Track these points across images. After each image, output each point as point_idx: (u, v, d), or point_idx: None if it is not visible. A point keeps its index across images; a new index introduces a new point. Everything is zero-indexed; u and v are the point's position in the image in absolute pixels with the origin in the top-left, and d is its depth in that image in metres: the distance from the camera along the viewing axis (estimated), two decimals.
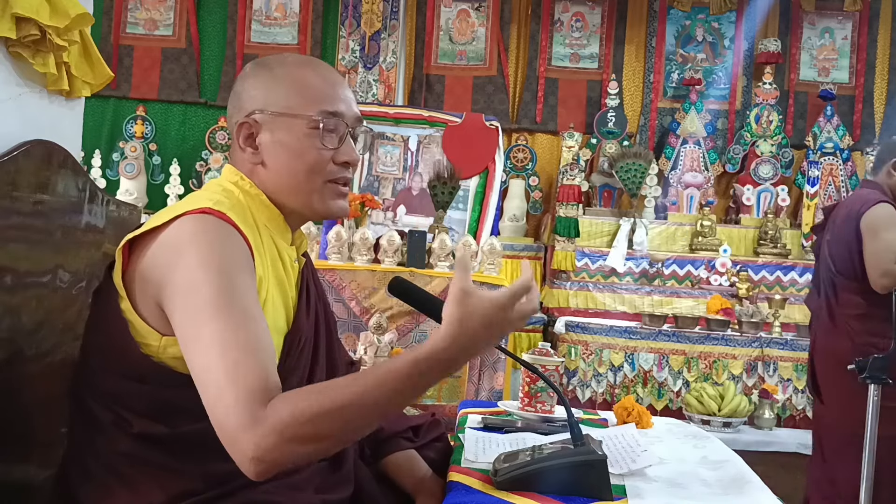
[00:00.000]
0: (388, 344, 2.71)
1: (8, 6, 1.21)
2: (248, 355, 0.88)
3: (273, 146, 1.06)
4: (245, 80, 1.10)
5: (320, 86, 1.08)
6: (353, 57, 4.65)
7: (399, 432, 1.24)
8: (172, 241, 0.96)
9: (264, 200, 1.08)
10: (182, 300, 0.92)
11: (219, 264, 0.93)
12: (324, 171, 1.07)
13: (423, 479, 1.20)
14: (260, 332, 0.92)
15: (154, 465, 0.97)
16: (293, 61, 1.11)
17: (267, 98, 1.07)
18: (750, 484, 1.12)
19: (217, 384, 0.87)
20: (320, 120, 1.06)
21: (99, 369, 1.01)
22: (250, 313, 0.92)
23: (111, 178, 4.54)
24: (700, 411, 3.28)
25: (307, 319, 1.09)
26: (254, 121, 1.07)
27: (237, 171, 1.09)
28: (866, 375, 1.83)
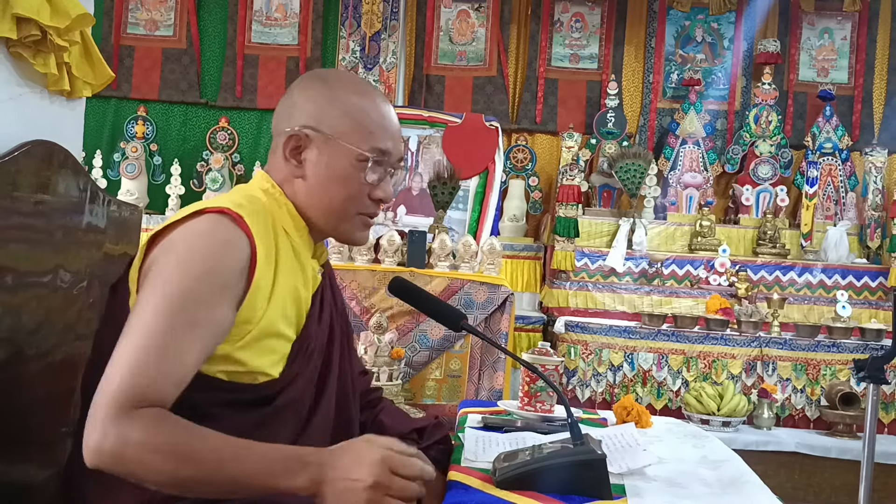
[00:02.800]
0: (388, 343, 2.72)
1: (9, 7, 1.21)
2: (157, 359, 0.90)
3: (317, 165, 1.07)
4: (303, 90, 1.10)
5: (377, 121, 1.09)
6: (353, 57, 4.66)
7: (404, 434, 1.24)
8: (177, 236, 0.98)
9: (292, 211, 1.09)
10: (148, 287, 0.95)
11: (196, 270, 0.94)
12: (359, 203, 1.09)
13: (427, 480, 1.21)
14: (187, 347, 0.93)
15: None
16: (355, 86, 1.11)
17: (322, 116, 1.07)
18: (749, 483, 1.12)
19: (115, 369, 0.90)
20: (371, 157, 1.07)
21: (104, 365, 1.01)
22: (195, 323, 0.93)
23: (112, 179, 4.54)
24: (699, 411, 3.29)
25: (318, 328, 1.10)
26: (305, 135, 1.07)
27: (269, 179, 1.10)
28: (865, 375, 1.83)
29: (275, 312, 1.03)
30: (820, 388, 3.46)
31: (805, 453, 3.20)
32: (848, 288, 3.99)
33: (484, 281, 2.96)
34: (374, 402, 1.30)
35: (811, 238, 4.22)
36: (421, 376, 2.95)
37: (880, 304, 3.98)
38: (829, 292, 4.01)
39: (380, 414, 1.28)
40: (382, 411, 1.28)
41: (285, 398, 0.99)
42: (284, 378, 1.03)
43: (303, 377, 1.06)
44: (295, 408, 1.04)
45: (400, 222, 3.50)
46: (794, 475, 3.19)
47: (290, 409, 1.02)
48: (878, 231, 4.21)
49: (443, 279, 2.94)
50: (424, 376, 2.95)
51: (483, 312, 2.94)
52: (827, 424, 3.38)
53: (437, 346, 2.93)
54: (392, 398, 2.64)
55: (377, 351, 2.69)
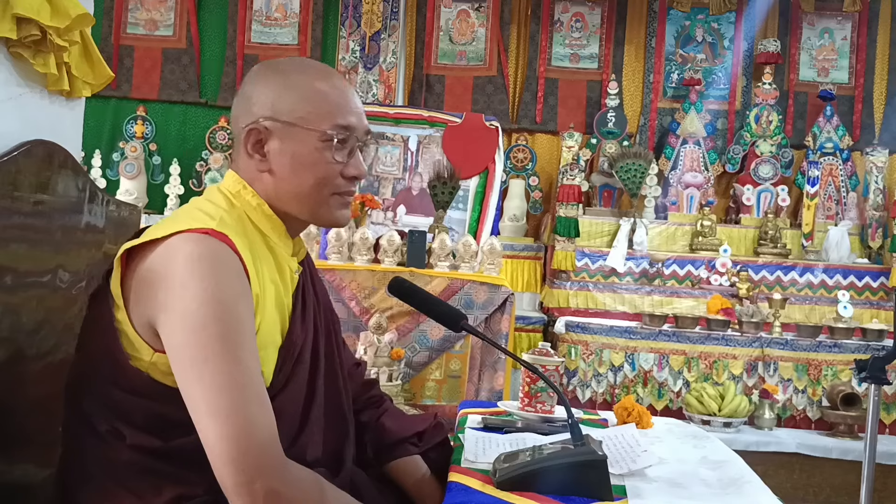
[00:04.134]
0: (387, 344, 2.71)
1: (9, 7, 1.21)
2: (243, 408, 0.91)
3: (282, 155, 1.05)
4: (255, 82, 1.07)
5: (334, 98, 1.06)
6: (353, 57, 4.65)
7: (406, 437, 1.24)
8: (170, 261, 0.94)
9: (266, 211, 1.07)
10: (179, 336, 0.92)
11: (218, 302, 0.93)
12: (332, 184, 1.06)
13: (423, 480, 1.21)
14: (255, 381, 0.94)
15: (153, 472, 0.97)
16: (307, 68, 1.09)
17: (279, 105, 1.04)
18: (750, 484, 1.12)
19: (213, 438, 0.90)
20: (334, 134, 1.04)
21: (93, 378, 1.00)
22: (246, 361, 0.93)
23: (111, 179, 4.54)
24: (700, 411, 3.28)
25: (302, 328, 1.09)
26: (264, 128, 1.04)
27: (240, 180, 1.07)
28: (867, 376, 1.83)
29: (267, 321, 1.02)
30: (821, 389, 3.45)
31: (806, 454, 3.20)
32: (849, 288, 3.99)
33: (484, 281, 2.95)
34: (375, 401, 1.29)
35: (812, 238, 4.22)
36: (421, 377, 2.95)
37: (882, 305, 3.98)
38: (830, 292, 4.01)
39: (382, 416, 1.26)
40: (385, 414, 1.27)
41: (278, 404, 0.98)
42: (276, 385, 1.02)
43: (293, 381, 1.05)
44: (289, 412, 1.03)
45: (400, 222, 3.50)
46: (795, 476, 3.19)
47: (285, 413, 1.01)
48: (880, 231, 4.21)
49: (443, 279, 2.94)
50: (424, 377, 2.95)
51: (483, 313, 2.93)
52: (828, 425, 3.38)
53: (437, 346, 2.93)
54: (392, 399, 2.63)
55: (377, 351, 2.68)
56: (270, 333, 1.03)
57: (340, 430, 1.14)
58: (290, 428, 1.03)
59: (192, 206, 1.05)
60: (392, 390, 2.67)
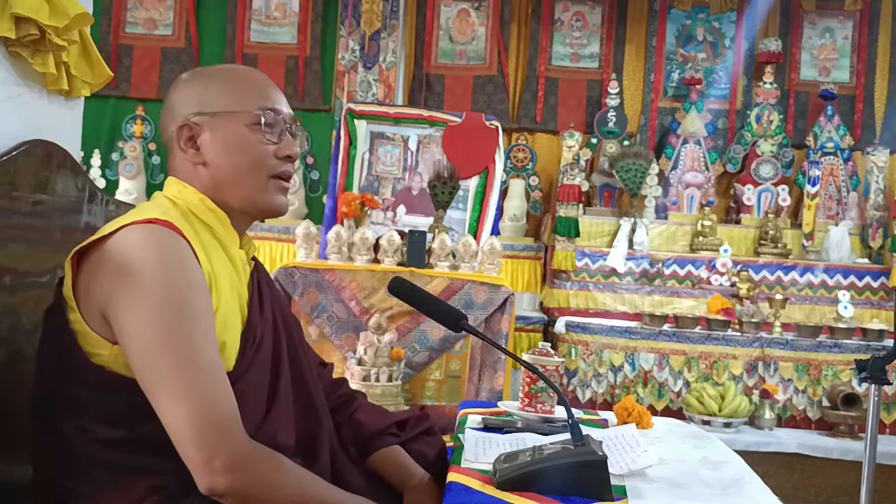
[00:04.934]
0: (387, 344, 2.71)
1: (7, 6, 1.21)
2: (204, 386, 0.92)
3: (214, 144, 1.07)
4: (178, 88, 1.12)
5: (255, 84, 1.11)
6: (352, 56, 4.65)
7: (382, 429, 1.23)
8: (119, 253, 0.96)
9: (209, 205, 1.08)
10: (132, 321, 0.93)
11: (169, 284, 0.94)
12: (267, 166, 1.08)
13: (423, 481, 1.20)
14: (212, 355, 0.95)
15: (123, 468, 0.97)
16: (226, 66, 1.17)
17: (203, 100, 1.08)
18: (750, 484, 1.12)
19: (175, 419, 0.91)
20: (261, 114, 1.07)
21: (54, 382, 1.01)
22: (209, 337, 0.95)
23: (110, 178, 4.54)
24: (700, 411, 3.28)
25: (261, 317, 1.10)
26: (193, 123, 1.07)
27: (179, 181, 1.09)
28: (867, 376, 1.83)
29: (225, 302, 1.03)
30: (821, 389, 3.45)
31: (806, 454, 3.20)
32: (850, 288, 3.99)
33: (484, 281, 2.95)
34: (346, 401, 1.28)
35: (813, 238, 4.21)
36: (421, 377, 2.94)
37: (882, 305, 3.97)
38: (830, 292, 4.01)
39: (356, 412, 1.26)
40: (358, 409, 1.26)
41: (241, 387, 1.00)
42: (239, 369, 1.03)
43: (255, 365, 1.06)
44: (253, 395, 1.04)
45: (400, 222, 3.50)
46: (795, 476, 3.18)
47: (249, 397, 1.02)
48: (880, 231, 4.21)
49: (443, 279, 2.93)
50: (424, 377, 2.95)
51: (483, 313, 2.93)
52: (828, 425, 3.38)
53: (437, 346, 2.93)
54: (392, 399, 2.63)
55: (377, 351, 2.68)
56: (231, 316, 1.04)
57: (313, 420, 1.13)
58: (256, 412, 1.04)
59: (137, 207, 1.07)
60: (392, 390, 2.67)
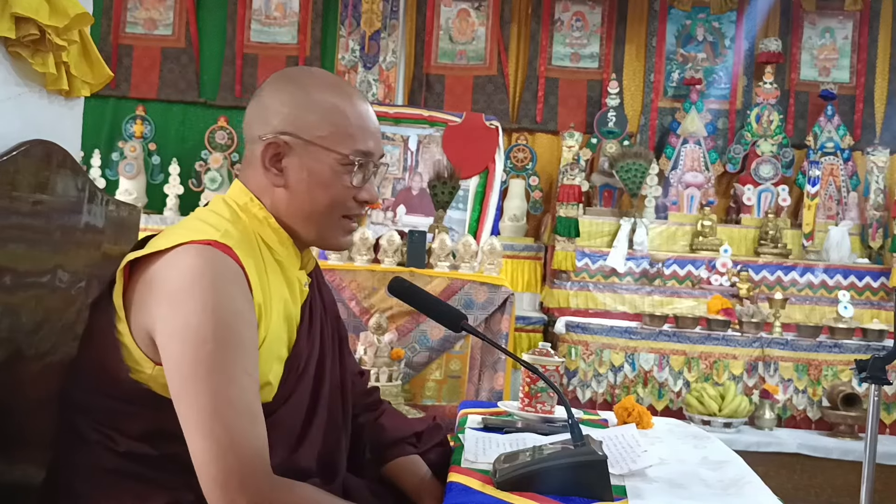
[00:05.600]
0: (387, 344, 2.71)
1: (7, 6, 1.20)
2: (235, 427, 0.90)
3: (300, 172, 1.04)
4: (275, 93, 1.07)
5: (356, 122, 1.06)
6: (352, 56, 4.65)
7: (404, 437, 1.24)
8: (172, 274, 0.94)
9: (273, 224, 1.06)
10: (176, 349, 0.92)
11: (217, 318, 0.92)
12: (343, 206, 1.07)
13: (423, 481, 1.21)
14: (250, 400, 0.93)
15: (142, 480, 0.97)
16: (330, 86, 1.08)
17: (299, 121, 1.04)
18: (750, 484, 1.12)
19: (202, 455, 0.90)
20: (354, 160, 1.05)
21: (87, 387, 1.00)
22: (242, 380, 0.93)
23: (110, 178, 4.54)
24: (700, 411, 3.28)
25: (308, 341, 1.08)
26: (284, 142, 1.04)
27: (247, 192, 1.06)
28: (867, 376, 1.83)
29: (272, 336, 1.01)
30: (821, 389, 3.45)
31: (806, 454, 3.20)
32: (850, 288, 3.99)
33: (484, 281, 2.95)
34: (373, 405, 1.29)
35: (813, 238, 4.21)
36: (421, 377, 2.94)
37: (882, 305, 3.97)
38: (830, 292, 4.01)
39: (380, 417, 1.27)
40: (383, 415, 1.28)
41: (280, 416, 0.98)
42: (279, 398, 1.01)
43: (297, 393, 1.04)
44: (290, 423, 1.03)
45: (400, 222, 3.50)
46: (796, 476, 3.18)
47: (285, 425, 1.01)
48: (880, 231, 4.21)
49: (443, 279, 2.93)
50: (424, 377, 2.95)
51: (483, 313, 2.93)
52: (829, 425, 3.38)
53: (437, 346, 2.93)
54: (392, 399, 2.63)
55: (377, 351, 2.68)
56: (276, 347, 1.02)
57: (335, 439, 1.13)
58: (290, 438, 1.03)
59: (197, 216, 1.04)
60: (392, 390, 2.67)
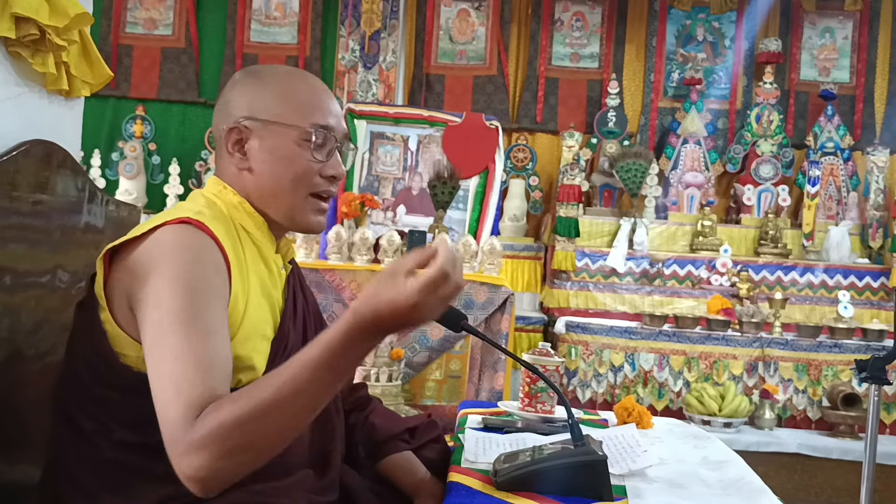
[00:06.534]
0: (387, 344, 2.71)
1: (7, 6, 1.20)
2: (199, 372, 0.88)
3: (262, 152, 1.06)
4: (234, 87, 1.10)
5: (312, 98, 1.09)
6: (352, 56, 4.65)
7: (396, 434, 1.24)
8: (148, 252, 0.96)
9: (248, 208, 1.08)
10: (149, 311, 0.93)
11: (187, 279, 0.93)
12: (310, 183, 1.08)
13: (422, 480, 1.21)
14: (217, 350, 0.91)
15: (139, 470, 0.97)
16: (284, 71, 1.12)
17: (257, 105, 1.07)
18: (750, 484, 1.12)
19: (165, 397, 0.87)
20: (312, 132, 1.06)
21: (81, 377, 1.01)
22: (211, 329, 0.92)
23: (110, 178, 4.54)
24: (700, 411, 3.28)
25: (293, 325, 1.10)
26: (244, 126, 1.07)
27: (220, 182, 1.10)
28: (867, 376, 1.83)
29: (255, 313, 1.02)
30: (822, 389, 3.45)
31: (807, 454, 3.20)
32: (850, 288, 3.99)
33: (484, 281, 2.95)
34: (362, 403, 1.29)
35: (813, 238, 4.21)
36: (421, 377, 2.94)
37: (882, 305, 3.97)
38: (830, 292, 4.01)
39: (370, 416, 1.26)
40: (373, 413, 1.27)
41: None
42: None
43: None
44: None
45: (400, 222, 3.50)
46: (796, 476, 3.18)
47: None
48: (880, 231, 4.21)
49: None
50: (424, 377, 2.95)
51: (483, 313, 2.93)
52: (829, 425, 3.38)
53: (437, 346, 2.93)
54: (392, 399, 2.63)
55: (377, 351, 2.68)
56: (260, 325, 1.03)
57: (327, 429, 1.13)
58: None
59: (174, 206, 1.08)
60: (392, 390, 2.67)
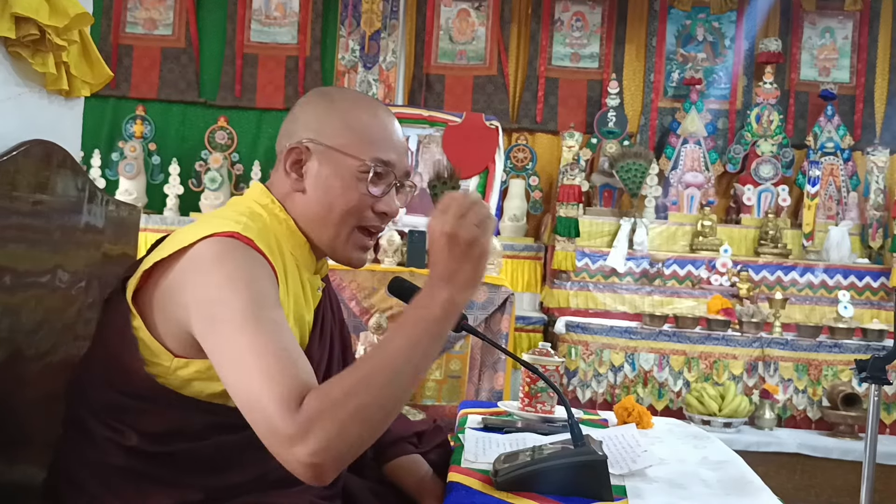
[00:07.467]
0: None
1: (7, 6, 1.20)
2: (283, 361, 0.86)
3: (318, 177, 1.05)
4: (304, 105, 1.10)
5: (378, 131, 1.07)
6: (352, 56, 4.65)
7: (404, 437, 1.24)
8: (198, 262, 0.93)
9: (292, 227, 1.06)
10: (210, 315, 0.90)
11: (246, 279, 0.91)
12: (360, 216, 1.06)
13: (423, 479, 1.21)
14: (290, 339, 0.91)
15: (148, 478, 0.96)
16: (358, 99, 1.11)
17: (323, 129, 1.06)
18: (750, 484, 1.12)
19: (255, 394, 0.84)
20: (372, 166, 1.05)
21: (98, 383, 1.00)
22: (280, 322, 0.91)
23: (110, 178, 4.54)
24: (700, 411, 3.28)
25: (319, 347, 1.09)
26: (305, 148, 1.05)
27: (269, 194, 1.08)
28: (867, 376, 1.83)
29: None
30: (822, 389, 3.45)
31: (807, 454, 3.20)
32: (850, 288, 3.99)
33: (484, 281, 2.95)
34: None
35: (813, 238, 4.21)
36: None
37: (882, 305, 3.97)
38: (830, 292, 4.01)
39: None
40: None
41: None
42: None
43: None
44: None
45: (400, 222, 3.50)
46: (796, 476, 3.18)
47: None
48: (880, 231, 4.21)
49: None
50: (424, 377, 2.95)
51: (483, 313, 2.93)
52: (829, 425, 3.38)
53: None
54: None
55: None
56: None
57: None
58: None
59: (214, 214, 1.05)
60: None
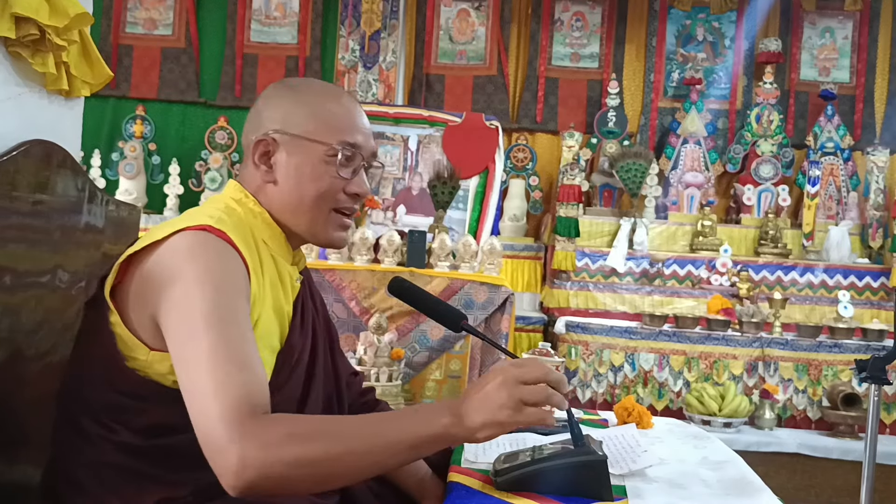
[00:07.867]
0: (387, 344, 2.71)
1: (7, 6, 1.20)
2: (238, 370, 0.88)
3: (288, 167, 1.07)
4: (267, 99, 1.11)
5: (342, 115, 1.09)
6: (352, 56, 4.65)
7: None
8: (170, 257, 0.95)
9: (267, 219, 1.08)
10: (176, 314, 0.92)
11: (215, 281, 0.93)
12: (333, 199, 1.08)
13: (423, 479, 1.21)
14: (250, 350, 0.92)
15: (140, 474, 0.97)
16: (320, 86, 1.12)
17: (288, 119, 1.07)
18: (750, 484, 1.12)
19: (204, 397, 0.87)
20: (339, 149, 1.06)
21: (86, 380, 1.01)
22: (242, 331, 0.92)
23: (110, 178, 4.54)
24: (700, 411, 3.28)
25: (300, 336, 1.10)
26: (272, 139, 1.07)
27: (242, 189, 1.09)
28: (867, 376, 1.83)
29: (265, 322, 1.02)
30: (822, 389, 3.45)
31: (807, 454, 3.20)
32: (850, 288, 3.99)
33: (484, 281, 2.95)
34: (370, 405, 1.30)
35: (813, 238, 4.21)
36: (421, 377, 2.94)
37: (882, 305, 3.97)
38: (830, 292, 4.01)
39: None
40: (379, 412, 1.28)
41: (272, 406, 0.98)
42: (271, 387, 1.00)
43: (287, 387, 1.05)
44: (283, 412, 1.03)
45: (400, 222, 3.50)
46: (796, 476, 3.18)
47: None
48: (880, 231, 4.21)
49: (443, 279, 2.93)
50: (424, 377, 2.95)
51: (483, 313, 2.93)
52: (829, 425, 3.38)
53: (437, 346, 2.93)
54: (392, 399, 2.63)
55: (377, 351, 2.68)
56: (268, 335, 1.03)
57: None
58: None
59: (191, 210, 1.06)
60: (392, 390, 2.67)
